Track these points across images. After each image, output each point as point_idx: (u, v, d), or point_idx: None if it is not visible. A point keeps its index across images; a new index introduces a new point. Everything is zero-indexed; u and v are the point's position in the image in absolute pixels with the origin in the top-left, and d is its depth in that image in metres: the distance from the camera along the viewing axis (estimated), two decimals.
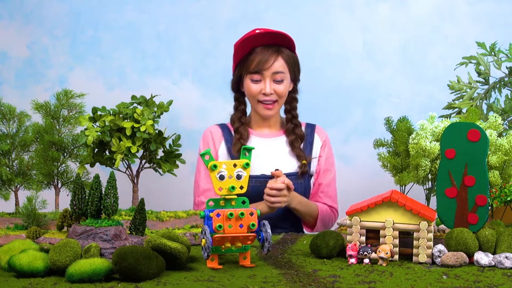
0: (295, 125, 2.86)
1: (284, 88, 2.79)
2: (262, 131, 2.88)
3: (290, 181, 2.66)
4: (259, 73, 2.74)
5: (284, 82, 2.78)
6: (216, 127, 2.89)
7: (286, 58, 2.77)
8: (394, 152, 2.38)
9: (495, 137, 2.21)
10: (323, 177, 2.88)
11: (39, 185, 2.36)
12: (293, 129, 2.85)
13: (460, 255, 1.93)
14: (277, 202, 2.63)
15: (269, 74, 2.74)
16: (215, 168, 1.93)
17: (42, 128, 2.38)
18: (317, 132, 2.91)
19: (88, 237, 1.92)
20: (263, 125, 2.88)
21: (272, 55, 2.74)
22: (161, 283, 1.76)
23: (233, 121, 2.87)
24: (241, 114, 2.87)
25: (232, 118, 2.88)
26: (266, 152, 2.82)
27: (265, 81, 2.75)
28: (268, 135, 2.87)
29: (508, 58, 2.63)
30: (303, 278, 1.83)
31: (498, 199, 2.13)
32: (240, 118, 2.86)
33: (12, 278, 1.81)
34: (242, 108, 2.89)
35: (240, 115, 2.87)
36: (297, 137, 2.84)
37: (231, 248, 1.93)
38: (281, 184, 2.62)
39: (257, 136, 2.86)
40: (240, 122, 2.85)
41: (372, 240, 2.02)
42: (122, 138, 2.25)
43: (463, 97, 2.67)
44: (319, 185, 2.88)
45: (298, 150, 2.82)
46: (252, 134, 2.86)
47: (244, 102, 2.90)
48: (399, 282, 1.78)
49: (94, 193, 1.96)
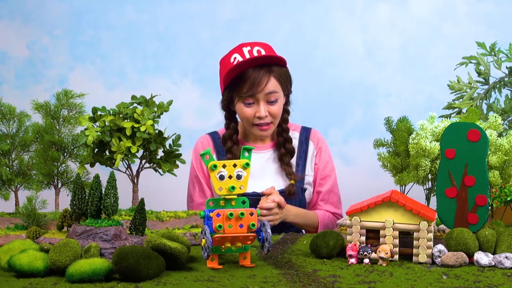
0: (285, 140, 2.78)
1: (279, 108, 2.71)
2: (256, 144, 2.81)
3: (281, 198, 2.59)
4: (252, 96, 2.66)
5: (278, 101, 2.69)
6: (207, 138, 2.84)
7: (278, 76, 2.67)
8: (394, 152, 2.38)
9: (495, 137, 2.21)
10: (322, 184, 2.82)
11: (39, 185, 2.36)
12: (284, 143, 2.78)
13: (460, 255, 1.93)
14: (270, 221, 2.56)
15: (263, 96, 2.66)
16: (215, 168, 1.93)
17: (42, 128, 2.38)
18: (311, 139, 2.84)
19: (88, 237, 1.92)
20: (256, 138, 2.81)
21: (264, 77, 2.64)
22: (161, 283, 1.76)
23: (225, 140, 2.79)
24: (233, 132, 2.79)
25: (224, 136, 2.79)
26: (257, 167, 2.74)
27: (259, 104, 2.67)
28: (259, 148, 2.80)
29: (508, 58, 2.63)
30: (303, 278, 1.83)
31: (498, 199, 2.13)
32: (232, 137, 2.78)
33: (12, 278, 1.81)
34: (234, 126, 2.79)
35: (232, 133, 2.78)
36: (286, 152, 2.77)
37: (231, 248, 1.93)
38: (270, 204, 2.56)
39: None
40: (232, 141, 2.77)
41: (372, 240, 2.02)
42: (122, 138, 2.25)
43: (463, 97, 2.67)
44: (318, 193, 2.82)
45: (287, 166, 2.75)
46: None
47: (235, 119, 2.80)
48: (399, 282, 1.78)
49: (94, 193, 1.96)
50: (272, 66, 2.67)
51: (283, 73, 2.70)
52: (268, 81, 2.65)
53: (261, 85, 2.64)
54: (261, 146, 2.81)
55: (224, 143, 2.79)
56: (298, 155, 2.81)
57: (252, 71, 2.64)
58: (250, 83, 2.64)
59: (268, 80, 2.65)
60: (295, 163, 2.80)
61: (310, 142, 2.84)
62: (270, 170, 2.79)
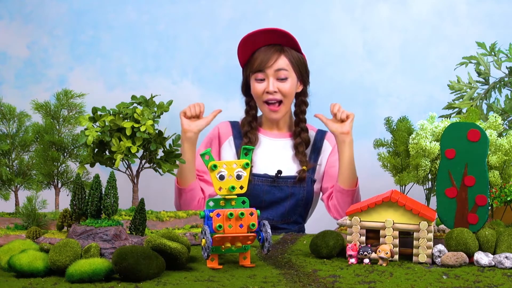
0: (301, 129, 2.84)
1: (290, 87, 2.76)
2: (272, 131, 2.87)
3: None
4: (262, 71, 2.74)
5: (289, 80, 2.75)
6: (227, 123, 2.90)
7: (290, 57, 2.76)
8: (394, 152, 2.38)
9: (495, 137, 2.21)
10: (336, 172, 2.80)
11: (39, 185, 2.36)
12: (300, 133, 2.83)
13: (460, 255, 1.93)
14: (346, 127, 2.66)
15: (272, 72, 2.74)
16: (215, 168, 1.93)
17: (42, 128, 2.38)
18: (327, 138, 2.88)
19: (88, 237, 1.92)
20: (272, 126, 2.87)
21: (275, 53, 2.74)
22: (161, 283, 1.76)
23: (243, 124, 2.86)
24: (251, 118, 2.86)
25: (242, 122, 2.88)
26: (272, 152, 2.82)
27: (268, 79, 2.74)
28: (276, 136, 2.86)
29: (508, 58, 2.63)
30: (303, 278, 1.83)
31: (498, 199, 2.13)
32: (250, 122, 2.85)
33: (12, 278, 1.81)
34: (253, 113, 2.87)
35: (250, 119, 2.85)
36: (302, 141, 2.82)
37: (231, 248, 1.93)
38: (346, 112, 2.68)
39: (266, 135, 2.85)
40: (250, 126, 2.84)
41: (372, 240, 2.02)
42: (122, 138, 2.25)
43: (463, 97, 2.67)
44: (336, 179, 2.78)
45: (301, 155, 2.80)
46: (262, 133, 2.86)
47: (255, 106, 2.87)
48: (399, 282, 1.78)
49: (94, 193, 1.96)
50: (285, 47, 2.76)
51: (296, 56, 2.79)
52: (278, 58, 2.74)
53: (271, 60, 2.73)
54: (279, 134, 2.87)
55: (242, 127, 2.86)
56: (312, 149, 2.85)
57: (265, 48, 2.75)
58: (261, 58, 2.74)
59: (279, 57, 2.74)
60: (308, 156, 2.84)
61: (326, 141, 2.89)
62: (285, 157, 2.83)
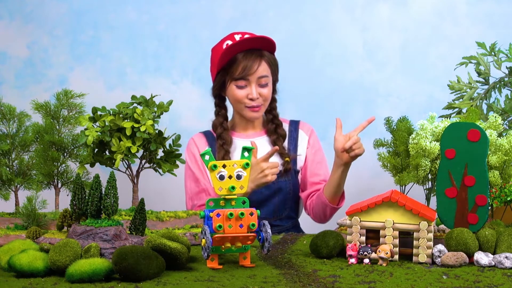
0: (276, 125, 2.88)
1: (269, 91, 2.80)
2: (247, 132, 2.89)
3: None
4: (245, 79, 2.75)
5: (269, 85, 2.80)
6: (200, 135, 2.90)
7: (269, 61, 2.78)
8: (394, 152, 2.38)
9: (495, 137, 2.21)
10: (318, 168, 2.88)
11: (39, 185, 2.36)
12: (275, 129, 2.87)
13: (460, 255, 1.93)
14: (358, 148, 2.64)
15: (255, 79, 2.75)
16: (215, 168, 1.93)
17: (42, 128, 2.38)
18: (301, 128, 2.93)
19: (88, 237, 1.92)
20: (247, 127, 2.89)
21: (256, 60, 2.74)
22: (161, 283, 1.76)
23: (215, 126, 2.87)
24: (223, 119, 2.87)
25: (214, 123, 2.88)
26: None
27: (251, 86, 2.76)
28: (252, 135, 2.88)
29: (508, 58, 2.63)
30: (303, 278, 1.83)
31: (498, 199, 2.13)
32: (222, 123, 2.86)
33: (12, 278, 1.81)
34: (224, 113, 2.89)
35: (222, 120, 2.87)
36: (279, 136, 2.86)
37: (231, 248, 1.93)
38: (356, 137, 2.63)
39: (241, 138, 2.86)
40: (222, 127, 2.85)
41: (372, 240, 2.02)
42: (122, 138, 2.25)
43: (463, 97, 2.67)
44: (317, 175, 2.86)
45: (281, 148, 2.83)
46: (236, 137, 2.87)
47: (225, 107, 2.90)
48: (399, 282, 1.78)
49: (94, 193, 1.96)
50: (263, 51, 2.78)
51: (272, 59, 2.82)
52: (260, 64, 2.76)
53: (253, 68, 2.74)
54: (254, 134, 2.89)
55: (214, 130, 2.87)
56: (288, 141, 2.90)
57: (244, 54, 2.75)
58: (243, 66, 2.74)
59: (260, 64, 2.76)
60: (287, 148, 2.88)
61: (300, 130, 2.93)
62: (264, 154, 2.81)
